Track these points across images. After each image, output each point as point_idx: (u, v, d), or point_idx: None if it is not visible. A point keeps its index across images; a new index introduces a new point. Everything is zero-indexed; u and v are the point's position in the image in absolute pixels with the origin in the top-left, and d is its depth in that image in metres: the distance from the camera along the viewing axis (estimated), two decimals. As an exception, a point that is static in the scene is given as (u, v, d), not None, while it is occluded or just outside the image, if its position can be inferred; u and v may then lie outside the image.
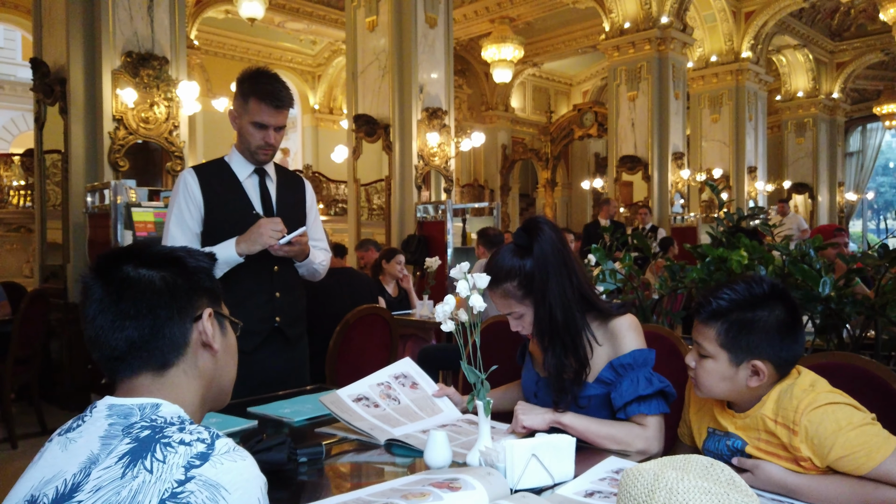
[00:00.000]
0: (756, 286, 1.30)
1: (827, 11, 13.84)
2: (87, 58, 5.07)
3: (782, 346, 1.28)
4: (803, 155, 15.10)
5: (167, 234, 2.12)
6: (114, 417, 0.91)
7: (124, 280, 0.94)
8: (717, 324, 1.31)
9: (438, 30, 7.34)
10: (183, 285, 0.97)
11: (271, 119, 2.10)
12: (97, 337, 0.95)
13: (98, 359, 0.98)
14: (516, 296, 1.60)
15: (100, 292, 0.94)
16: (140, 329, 0.94)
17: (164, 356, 0.96)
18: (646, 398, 1.51)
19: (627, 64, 10.83)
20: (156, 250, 1.00)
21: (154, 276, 0.96)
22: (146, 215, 4.93)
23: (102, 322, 0.94)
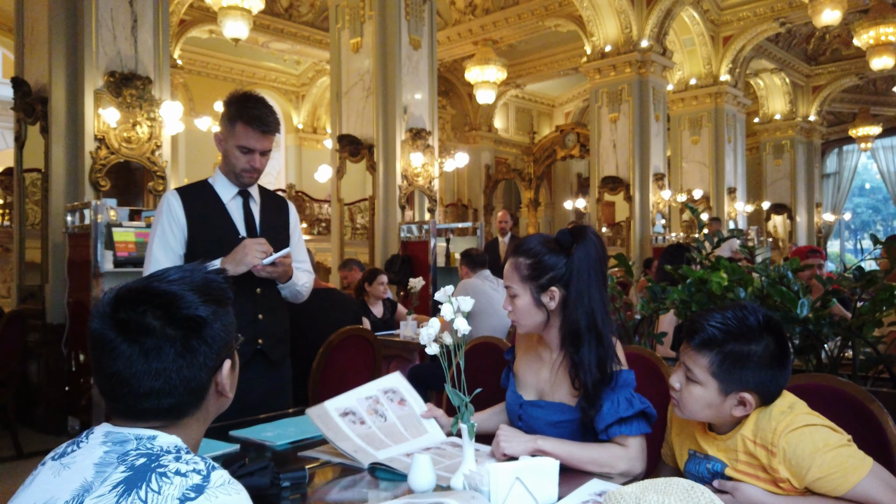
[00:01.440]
0: (750, 316, 1.31)
1: (803, 36, 14.16)
2: (70, 77, 5.05)
3: (771, 378, 1.30)
4: (781, 176, 15.34)
5: (150, 257, 2.11)
6: (109, 444, 0.90)
7: (149, 340, 0.92)
8: (711, 353, 1.32)
9: (422, 51, 7.41)
10: (204, 349, 0.96)
11: (257, 143, 2.11)
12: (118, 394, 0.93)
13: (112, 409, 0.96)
14: (521, 274, 1.62)
15: (126, 350, 0.91)
16: (167, 394, 0.93)
17: (181, 412, 0.96)
18: (627, 419, 1.52)
19: (609, 86, 10.98)
20: (182, 308, 0.95)
21: (178, 339, 0.93)
22: (127, 235, 4.90)
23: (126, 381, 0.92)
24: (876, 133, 15.99)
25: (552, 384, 1.66)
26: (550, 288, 1.61)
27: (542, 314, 1.62)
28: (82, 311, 4.70)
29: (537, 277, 1.61)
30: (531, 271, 1.62)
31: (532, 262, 1.62)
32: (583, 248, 1.61)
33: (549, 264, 1.61)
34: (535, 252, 1.63)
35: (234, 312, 1.39)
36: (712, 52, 12.51)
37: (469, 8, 12.44)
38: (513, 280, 1.64)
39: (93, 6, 5.03)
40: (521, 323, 1.65)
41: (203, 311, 0.96)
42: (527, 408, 1.69)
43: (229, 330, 1.01)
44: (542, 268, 1.61)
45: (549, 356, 1.69)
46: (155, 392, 0.92)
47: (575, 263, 1.60)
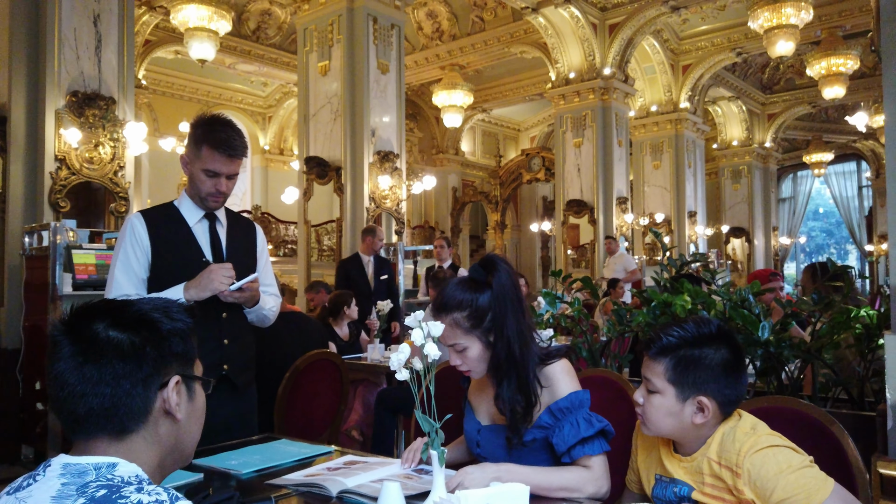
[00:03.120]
0: (704, 326, 1.36)
1: (758, 66, 14.65)
2: (30, 96, 4.95)
3: (727, 384, 1.33)
4: (740, 200, 15.75)
5: (112, 279, 2.07)
6: (67, 476, 0.88)
7: (93, 341, 0.92)
8: (666, 359, 1.36)
9: (390, 76, 7.46)
10: (151, 353, 0.95)
11: (224, 167, 2.08)
12: (58, 397, 0.93)
13: (57, 416, 0.95)
14: (463, 327, 1.60)
15: (67, 350, 0.92)
16: (101, 397, 0.92)
17: (122, 423, 0.94)
18: (588, 439, 1.53)
19: (573, 112, 11.19)
20: (131, 310, 0.96)
21: (123, 342, 0.93)
22: (87, 257, 4.78)
23: (65, 383, 0.92)
24: (829, 159, 16.57)
25: None
26: (491, 331, 1.62)
27: (489, 354, 1.64)
28: (39, 335, 4.57)
29: (480, 322, 1.61)
30: (472, 321, 1.61)
31: (468, 312, 1.61)
32: (497, 279, 1.63)
33: (483, 305, 1.61)
34: (465, 302, 1.61)
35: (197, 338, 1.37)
36: (672, 80, 12.86)
37: (436, 33, 12.59)
38: (456, 336, 1.61)
39: (56, 25, 4.96)
40: (477, 370, 1.65)
41: (154, 319, 0.97)
42: (484, 433, 1.70)
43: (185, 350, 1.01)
44: (480, 312, 1.61)
45: (495, 384, 1.68)
46: (87, 395, 0.91)
47: (495, 294, 1.61)
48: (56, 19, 4.96)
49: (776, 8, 8.98)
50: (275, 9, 12.21)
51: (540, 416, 1.59)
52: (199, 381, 1.05)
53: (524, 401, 1.57)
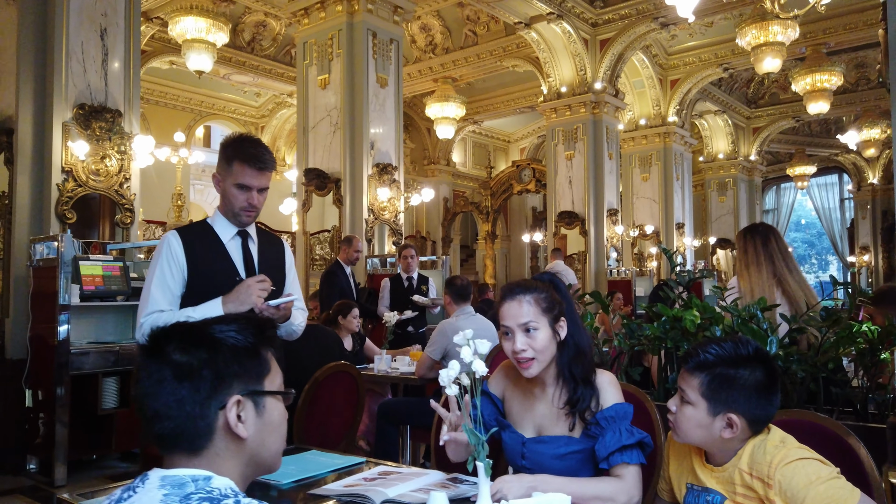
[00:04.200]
0: (742, 347, 1.46)
1: (743, 81, 14.94)
2: (37, 109, 4.99)
3: (758, 404, 1.43)
4: (725, 212, 16.01)
5: (147, 296, 2.13)
6: (168, 487, 0.94)
7: (163, 366, 0.99)
8: (702, 375, 1.45)
9: (389, 89, 7.57)
10: (208, 375, 0.99)
11: (254, 181, 2.17)
12: (143, 418, 1.01)
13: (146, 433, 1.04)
14: (541, 306, 1.69)
15: (143, 374, 0.99)
16: (170, 420, 0.98)
17: (191, 443, 0.99)
18: (628, 448, 1.63)
19: (564, 125, 11.36)
20: (199, 332, 1.01)
21: (183, 366, 0.98)
22: (94, 268, 4.82)
23: (143, 406, 1.00)
24: (812, 172, 16.89)
25: (552, 419, 1.74)
26: (561, 318, 1.72)
27: (555, 346, 1.71)
28: (44, 345, 4.59)
29: (552, 309, 1.71)
30: (548, 304, 1.70)
31: (546, 294, 1.71)
32: (562, 286, 1.75)
33: (555, 298, 1.72)
34: (542, 287, 1.73)
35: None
36: (660, 95, 13.09)
37: (429, 47, 12.73)
38: (531, 315, 1.68)
39: (63, 38, 5.01)
40: (540, 359, 1.68)
41: (217, 341, 1.01)
42: (530, 445, 1.75)
43: (250, 369, 1.04)
44: (553, 300, 1.72)
45: (542, 392, 1.76)
46: (157, 415, 0.98)
47: (566, 298, 1.73)
48: (64, 33, 5.02)
49: (763, 26, 9.21)
50: (270, 20, 12.29)
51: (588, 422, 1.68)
52: (271, 395, 1.07)
53: (589, 394, 1.68)
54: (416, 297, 5.58)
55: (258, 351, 1.06)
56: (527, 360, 1.69)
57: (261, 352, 1.06)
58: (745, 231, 3.04)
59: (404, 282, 6.00)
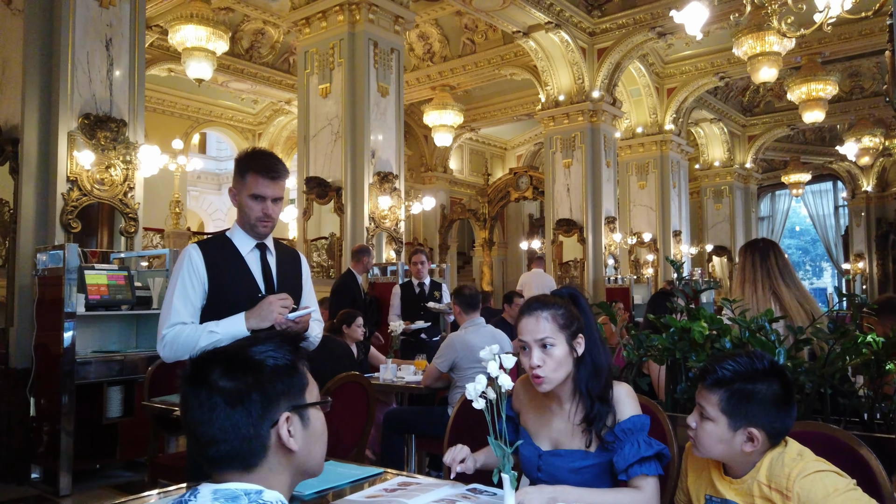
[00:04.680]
0: (758, 361, 1.50)
1: (739, 89, 15.06)
2: (43, 119, 5.01)
3: (777, 417, 1.47)
4: (721, 220, 16.11)
5: (169, 308, 2.16)
6: (221, 500, 0.98)
7: (210, 393, 1.02)
8: (721, 391, 1.49)
9: (390, 98, 7.61)
10: (257, 398, 1.03)
11: (268, 190, 2.20)
12: (194, 443, 1.05)
13: (196, 455, 1.07)
14: (558, 323, 1.72)
15: (193, 402, 1.03)
16: (225, 444, 1.02)
17: (247, 462, 1.04)
18: (646, 459, 1.66)
19: (562, 133, 11.43)
20: (240, 356, 1.05)
21: (232, 391, 1.02)
22: (99, 278, 4.85)
23: (195, 432, 1.03)
24: (806, 180, 17.01)
25: (568, 433, 1.77)
26: (578, 336, 1.75)
27: (570, 364, 1.74)
28: (49, 354, 4.60)
29: (569, 326, 1.74)
30: (565, 320, 1.74)
31: (564, 311, 1.75)
32: (583, 302, 1.78)
33: (573, 313, 1.76)
34: (561, 304, 1.77)
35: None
36: (657, 103, 13.18)
37: (427, 55, 12.80)
38: (548, 331, 1.71)
39: (69, 48, 5.04)
40: (552, 377, 1.71)
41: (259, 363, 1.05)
42: (546, 458, 1.78)
43: (292, 385, 1.08)
44: (571, 316, 1.75)
45: (559, 408, 1.80)
46: (213, 440, 1.02)
47: (587, 314, 1.76)
48: (70, 43, 5.05)
49: (759, 36, 9.30)
50: (268, 28, 12.35)
51: (605, 436, 1.71)
52: (314, 406, 1.12)
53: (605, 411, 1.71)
54: (430, 304, 5.47)
55: (296, 366, 1.10)
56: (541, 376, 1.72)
57: (298, 366, 1.10)
58: (745, 247, 3.09)
59: (415, 288, 5.80)
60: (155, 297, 5.12)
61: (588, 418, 1.73)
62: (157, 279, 5.14)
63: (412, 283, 5.85)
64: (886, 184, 18.04)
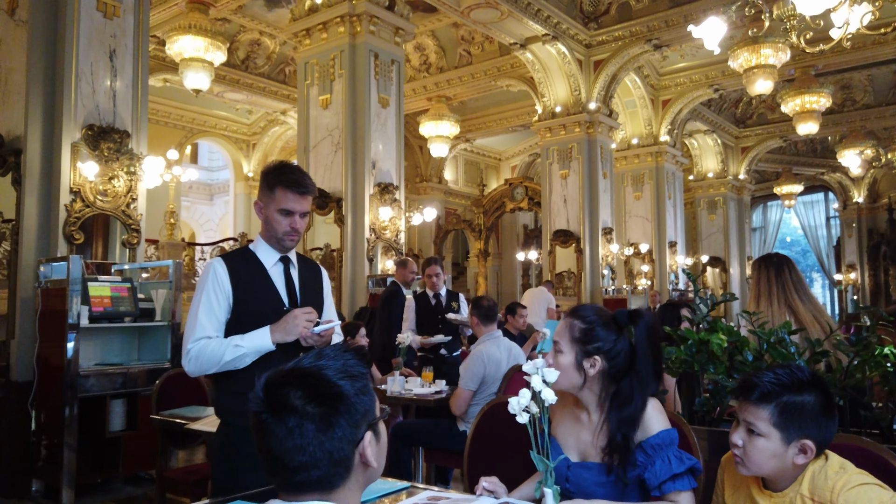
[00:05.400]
0: (799, 372, 1.50)
1: (732, 101, 15.21)
2: (46, 129, 4.98)
3: (826, 427, 1.47)
4: (715, 230, 16.21)
5: (195, 322, 2.14)
6: None
7: (296, 420, 1.01)
8: (770, 406, 1.48)
9: (390, 109, 7.63)
10: (344, 422, 1.04)
11: (297, 205, 2.20)
12: (273, 469, 1.03)
13: (270, 477, 1.05)
14: (573, 334, 1.75)
15: (275, 429, 1.01)
16: (314, 468, 1.02)
17: (331, 483, 1.04)
18: (679, 476, 1.66)
19: (559, 144, 11.48)
20: (321, 381, 1.04)
21: (321, 417, 1.02)
22: (103, 289, 4.80)
23: (278, 459, 1.02)
24: (799, 191, 17.15)
25: (594, 447, 1.77)
26: (594, 356, 1.75)
27: (579, 378, 1.75)
28: (52, 367, 4.55)
29: (586, 342, 1.75)
30: (582, 335, 1.76)
31: (586, 327, 1.76)
32: (641, 329, 1.76)
33: (599, 335, 1.75)
34: (590, 319, 1.77)
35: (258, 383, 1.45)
36: (652, 114, 13.28)
37: (424, 66, 12.84)
38: (563, 337, 1.77)
39: (73, 59, 5.01)
40: (559, 381, 1.70)
41: (341, 387, 1.05)
42: (575, 469, 1.77)
43: (369, 403, 1.09)
44: (592, 336, 1.75)
45: (587, 418, 1.80)
46: (304, 466, 1.01)
47: (638, 344, 1.74)
48: (74, 53, 5.03)
49: (755, 49, 9.39)
50: (264, 39, 12.36)
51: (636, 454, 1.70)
52: (381, 419, 1.13)
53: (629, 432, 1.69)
54: (450, 315, 5.16)
55: (369, 385, 1.11)
56: None
57: (369, 383, 1.12)
58: (759, 261, 3.10)
59: (431, 300, 5.47)
60: (158, 308, 5.08)
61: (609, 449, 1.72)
62: (160, 291, 5.10)
63: (427, 294, 5.55)
64: (877, 195, 18.23)
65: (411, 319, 5.40)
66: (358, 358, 1.11)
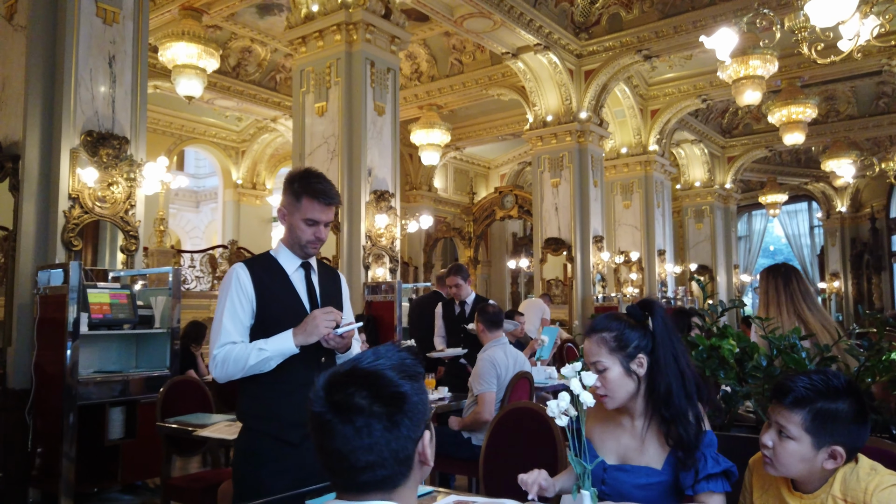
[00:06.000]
0: (834, 379, 1.53)
1: (718, 111, 15.41)
2: (45, 135, 4.94)
3: (858, 434, 1.51)
4: (703, 239, 16.37)
5: (219, 328, 2.15)
6: None
7: (362, 420, 1.02)
8: (803, 411, 1.52)
9: (386, 117, 7.65)
10: (407, 422, 1.05)
11: (322, 215, 2.22)
12: (337, 469, 1.04)
13: (330, 477, 1.07)
14: (609, 346, 1.76)
15: (341, 430, 1.02)
16: (380, 468, 1.03)
17: (394, 483, 1.06)
18: (713, 476, 1.68)
19: (550, 153, 11.57)
20: (384, 381, 1.05)
21: (387, 417, 1.03)
22: (102, 296, 4.77)
23: (344, 459, 1.02)
24: (783, 200, 17.40)
25: (637, 449, 1.79)
26: (638, 356, 1.78)
27: (632, 382, 1.77)
28: (50, 375, 4.50)
29: (624, 347, 1.77)
30: (617, 343, 1.77)
31: (615, 334, 1.78)
32: (658, 318, 1.80)
33: (630, 336, 1.78)
34: (614, 326, 1.80)
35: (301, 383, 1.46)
36: (641, 124, 13.42)
37: (415, 74, 12.89)
38: (600, 355, 1.77)
39: (73, 65, 4.99)
40: (614, 396, 1.75)
41: (403, 387, 1.06)
42: (611, 472, 1.79)
43: (426, 402, 1.11)
44: (625, 338, 1.78)
45: (630, 423, 1.82)
46: (370, 465, 1.03)
47: (657, 332, 1.78)
48: (73, 59, 5.00)
49: (744, 60, 9.54)
50: (255, 46, 12.35)
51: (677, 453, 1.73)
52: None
53: (697, 426, 1.71)
54: (470, 326, 5.04)
55: (423, 383, 1.14)
56: (601, 396, 1.76)
57: (423, 383, 1.14)
58: (768, 271, 3.16)
59: (456, 308, 5.34)
60: (157, 316, 5.05)
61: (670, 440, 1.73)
62: (159, 298, 5.07)
63: (453, 303, 5.41)
64: (860, 204, 18.53)
65: (440, 327, 5.37)
66: (414, 358, 1.13)
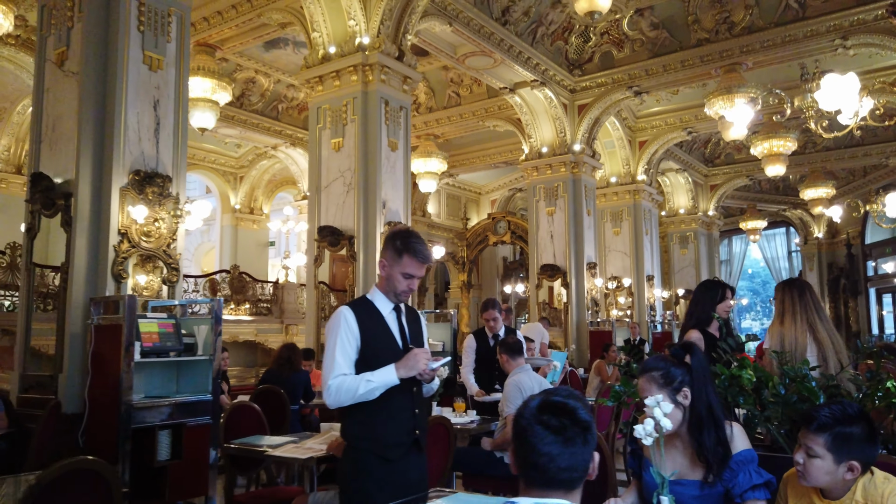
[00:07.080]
0: (849, 408, 1.96)
1: (701, 141, 16.10)
2: (95, 175, 5.26)
3: (870, 451, 1.93)
4: (687, 264, 16.98)
5: (332, 363, 2.53)
6: None
7: (569, 433, 1.41)
8: (825, 434, 1.94)
9: (399, 152, 8.08)
10: (591, 445, 1.44)
11: (418, 272, 2.63)
12: (545, 467, 1.41)
13: (528, 472, 1.44)
14: (659, 383, 2.17)
15: (551, 438, 1.41)
16: (574, 471, 1.42)
17: (574, 484, 1.45)
18: (759, 486, 2.10)
19: (545, 183, 12.08)
20: (579, 417, 1.45)
21: (583, 433, 1.42)
22: (151, 326, 5.08)
23: (552, 459, 1.40)
24: (763, 226, 18.11)
25: (687, 466, 2.20)
26: (683, 389, 2.19)
27: (679, 412, 2.19)
28: (105, 400, 4.78)
29: (671, 383, 2.19)
30: (665, 380, 2.20)
31: (663, 371, 2.21)
32: (696, 358, 2.23)
33: (675, 373, 2.20)
34: (662, 367, 2.22)
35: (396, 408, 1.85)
36: (630, 155, 14.02)
37: (413, 105, 13.35)
38: (651, 391, 2.18)
39: (122, 109, 5.34)
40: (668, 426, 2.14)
41: (589, 418, 1.48)
42: (671, 486, 2.18)
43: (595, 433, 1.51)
44: (671, 375, 2.20)
45: (681, 445, 2.23)
46: (571, 468, 1.42)
47: (695, 370, 2.20)
48: (123, 104, 5.35)
49: (730, 98, 10.18)
50: (259, 77, 12.75)
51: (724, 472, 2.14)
52: None
53: (723, 450, 2.12)
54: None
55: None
56: None
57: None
58: (784, 284, 3.59)
59: (490, 340, 5.31)
60: (200, 343, 5.36)
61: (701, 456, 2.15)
62: (202, 327, 5.38)
63: (486, 334, 5.40)
64: (836, 231, 19.31)
65: (470, 362, 5.39)
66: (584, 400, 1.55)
